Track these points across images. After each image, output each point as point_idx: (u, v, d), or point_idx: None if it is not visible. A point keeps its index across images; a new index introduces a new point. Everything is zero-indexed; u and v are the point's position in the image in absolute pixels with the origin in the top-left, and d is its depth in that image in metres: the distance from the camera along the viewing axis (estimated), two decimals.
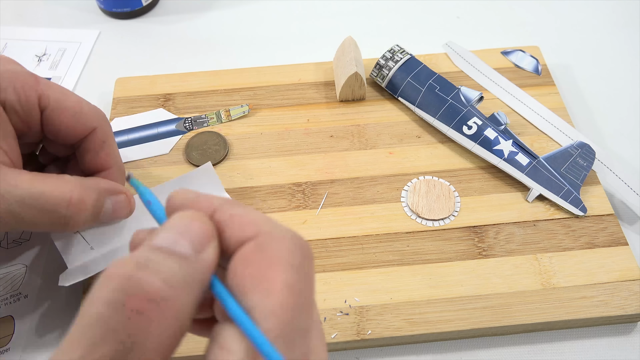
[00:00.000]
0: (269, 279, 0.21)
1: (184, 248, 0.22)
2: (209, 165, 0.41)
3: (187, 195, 0.24)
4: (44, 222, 0.33)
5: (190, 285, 0.21)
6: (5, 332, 0.40)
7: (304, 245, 0.23)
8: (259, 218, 0.23)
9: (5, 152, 0.34)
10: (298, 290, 0.22)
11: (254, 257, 0.22)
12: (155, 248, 0.22)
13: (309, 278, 0.23)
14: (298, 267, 0.22)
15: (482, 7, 0.62)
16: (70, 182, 0.34)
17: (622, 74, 0.56)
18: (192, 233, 0.22)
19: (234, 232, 0.23)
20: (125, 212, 0.38)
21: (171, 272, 0.21)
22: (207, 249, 0.22)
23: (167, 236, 0.22)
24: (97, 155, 0.37)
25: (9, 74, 0.34)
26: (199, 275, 0.22)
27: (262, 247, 0.22)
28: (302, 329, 0.22)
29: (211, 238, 0.22)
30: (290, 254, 0.22)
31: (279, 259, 0.22)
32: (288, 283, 0.21)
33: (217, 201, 0.24)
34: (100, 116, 0.37)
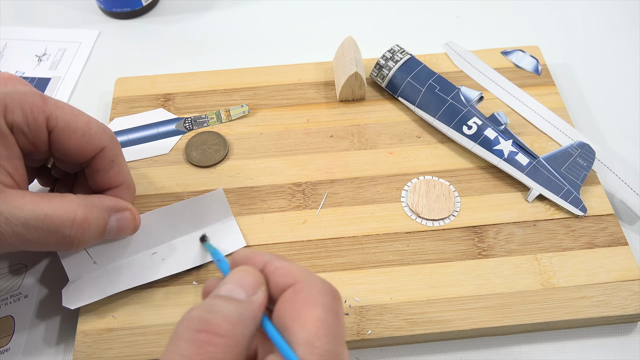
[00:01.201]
0: (304, 315, 0.27)
1: (239, 294, 0.28)
2: (220, 191, 0.41)
3: (244, 253, 0.31)
4: (49, 243, 0.33)
5: (245, 322, 0.27)
6: (5, 332, 0.40)
7: (332, 289, 0.29)
8: (297, 270, 0.29)
9: (9, 174, 0.34)
10: (328, 323, 0.27)
11: (292, 300, 0.28)
12: (218, 296, 0.28)
13: (337, 315, 0.28)
14: (328, 306, 0.28)
15: (482, 7, 0.62)
16: (74, 201, 0.34)
17: (622, 74, 0.56)
18: (245, 283, 0.29)
19: (278, 281, 0.29)
20: (130, 229, 0.38)
21: (229, 311, 0.27)
22: (257, 293, 0.29)
23: (227, 287, 0.29)
24: (106, 174, 0.38)
25: (17, 94, 0.34)
26: (251, 313, 0.28)
27: (297, 292, 0.28)
28: (335, 353, 0.27)
29: (260, 285, 0.29)
30: (320, 295, 0.28)
31: (311, 300, 0.28)
32: (320, 318, 0.27)
33: (267, 256, 0.30)
34: (108, 135, 0.37)
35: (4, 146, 0.33)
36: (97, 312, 0.39)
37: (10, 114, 0.34)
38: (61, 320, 0.40)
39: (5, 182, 0.33)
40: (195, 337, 0.26)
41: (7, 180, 0.33)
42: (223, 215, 0.41)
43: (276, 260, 0.30)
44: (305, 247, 0.42)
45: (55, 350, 0.39)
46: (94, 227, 0.35)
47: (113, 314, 0.38)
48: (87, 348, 0.37)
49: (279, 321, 0.28)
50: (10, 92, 0.34)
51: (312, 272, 0.30)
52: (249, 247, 0.42)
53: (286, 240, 0.42)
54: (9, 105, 0.33)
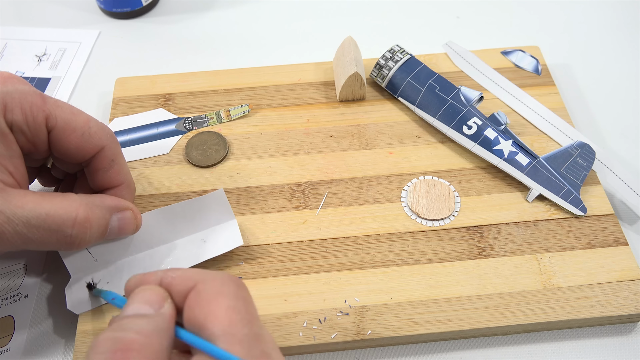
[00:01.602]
0: (213, 310, 0.28)
1: (147, 310, 0.28)
2: (221, 191, 0.41)
3: (135, 278, 0.31)
4: (51, 242, 0.34)
5: (159, 333, 0.27)
6: (5, 332, 0.40)
7: (233, 278, 0.30)
8: (193, 273, 0.30)
9: (10, 173, 0.34)
10: (238, 309, 0.28)
11: (197, 300, 0.28)
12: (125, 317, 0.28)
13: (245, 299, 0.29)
14: (233, 294, 0.28)
15: (482, 7, 0.62)
16: (76, 201, 0.34)
17: (622, 74, 0.56)
18: (149, 299, 0.29)
19: (179, 289, 0.29)
20: (131, 228, 0.38)
21: (140, 326, 0.27)
22: (164, 305, 0.29)
23: (133, 307, 0.28)
24: (106, 173, 0.38)
25: (16, 94, 0.34)
26: (164, 325, 0.28)
27: (200, 291, 0.28)
28: (254, 335, 0.27)
29: (165, 298, 0.29)
30: (223, 287, 0.29)
31: (215, 294, 0.28)
32: (229, 306, 0.28)
33: (160, 272, 0.30)
34: (108, 135, 0.37)
35: (4, 145, 0.33)
36: (97, 312, 0.39)
37: (9, 113, 0.34)
38: (61, 320, 0.40)
39: (6, 181, 0.33)
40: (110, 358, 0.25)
41: (8, 180, 0.33)
42: (224, 215, 0.41)
43: (170, 272, 0.30)
44: (305, 247, 0.42)
45: (55, 350, 0.39)
46: (96, 226, 0.35)
47: (113, 314, 0.38)
48: (87, 348, 0.37)
49: (192, 325, 0.28)
50: (9, 91, 0.34)
51: (209, 270, 0.30)
52: (250, 247, 0.42)
53: (286, 240, 0.42)
54: (8, 104, 0.33)
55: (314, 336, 0.38)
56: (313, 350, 0.38)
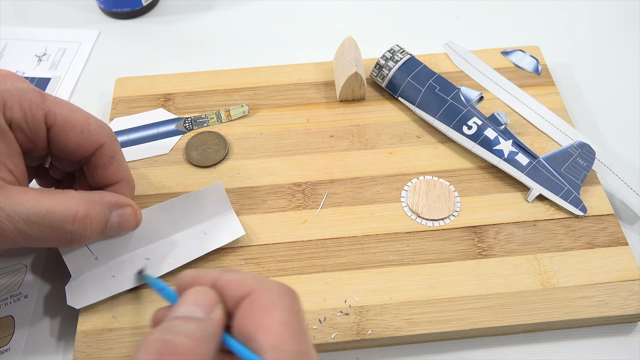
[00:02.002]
0: (265, 322, 0.27)
1: (198, 314, 0.28)
2: (219, 184, 0.41)
3: (190, 274, 0.30)
4: (51, 239, 0.34)
5: (207, 339, 0.27)
6: (5, 332, 0.40)
7: (289, 290, 0.29)
8: (249, 279, 0.29)
9: (10, 170, 0.34)
10: (291, 324, 0.27)
11: (251, 309, 0.28)
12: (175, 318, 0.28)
13: (298, 314, 0.28)
14: (287, 308, 0.28)
15: (482, 7, 0.62)
16: (76, 197, 0.34)
17: (622, 74, 0.56)
18: (202, 302, 0.28)
19: (232, 294, 0.29)
20: (131, 224, 0.38)
21: (190, 330, 0.27)
22: (215, 310, 0.28)
23: (184, 308, 0.28)
24: (106, 170, 0.38)
25: (15, 91, 0.34)
26: (213, 330, 0.27)
27: (254, 301, 0.28)
28: (302, 353, 0.27)
29: (217, 302, 0.29)
30: (278, 299, 0.28)
31: (270, 305, 0.28)
32: (282, 321, 0.27)
33: (215, 272, 0.30)
34: (107, 132, 0.37)
35: (4, 143, 0.33)
36: (97, 312, 0.39)
37: (9, 110, 0.34)
38: (61, 320, 0.40)
39: (6, 178, 0.33)
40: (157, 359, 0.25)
41: (8, 177, 0.33)
42: (222, 208, 0.41)
43: (225, 274, 0.30)
44: (305, 247, 0.42)
45: (55, 350, 0.39)
46: (96, 223, 0.35)
47: (113, 314, 0.38)
48: (87, 348, 0.37)
49: (241, 334, 0.28)
50: (8, 89, 0.34)
51: (265, 278, 0.30)
52: (250, 247, 0.42)
53: (286, 240, 0.42)
54: (7, 102, 0.34)
55: (314, 336, 0.38)
56: None
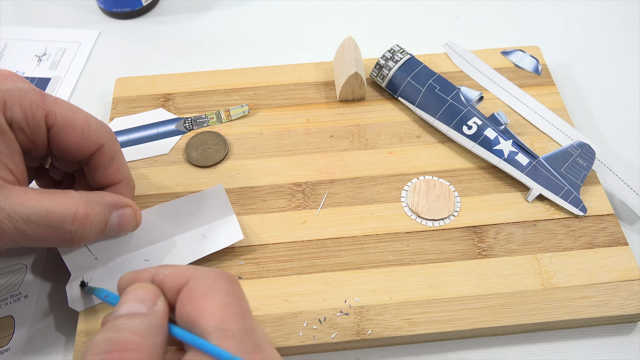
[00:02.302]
0: (205, 307, 0.28)
1: (140, 308, 0.28)
2: (220, 186, 0.41)
3: (128, 275, 0.31)
4: (50, 238, 0.34)
5: (153, 332, 0.27)
6: (5, 332, 0.40)
7: (226, 274, 0.30)
8: (185, 269, 0.30)
9: (10, 170, 0.34)
10: (230, 304, 0.28)
11: (190, 297, 0.29)
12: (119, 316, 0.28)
13: (237, 295, 0.29)
14: (225, 290, 0.29)
15: (482, 7, 0.62)
16: (75, 197, 0.34)
17: (622, 74, 0.56)
18: (142, 297, 0.29)
19: (171, 285, 0.29)
20: (131, 225, 0.38)
21: (135, 325, 0.27)
22: (157, 303, 0.29)
23: (126, 306, 0.29)
24: (106, 170, 0.38)
25: (16, 91, 0.34)
26: (157, 322, 0.28)
27: (192, 288, 0.29)
28: (247, 329, 0.28)
29: (158, 295, 0.29)
30: (215, 283, 0.29)
31: (207, 290, 0.28)
32: (221, 302, 0.28)
33: (152, 269, 0.30)
34: (107, 132, 0.37)
35: (4, 143, 0.33)
36: (97, 312, 0.39)
37: (9, 110, 0.34)
38: (61, 320, 0.40)
39: (6, 178, 0.33)
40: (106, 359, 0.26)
41: (8, 177, 0.33)
42: (223, 210, 0.41)
43: (162, 269, 0.30)
44: (305, 247, 0.42)
45: (55, 350, 0.39)
46: (95, 223, 0.35)
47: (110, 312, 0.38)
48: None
49: (184, 321, 0.28)
50: (9, 89, 0.34)
51: (201, 267, 0.30)
52: (250, 247, 0.42)
53: (286, 240, 0.42)
54: (7, 102, 0.34)
55: (314, 336, 0.38)
56: (313, 350, 0.38)
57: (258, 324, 0.29)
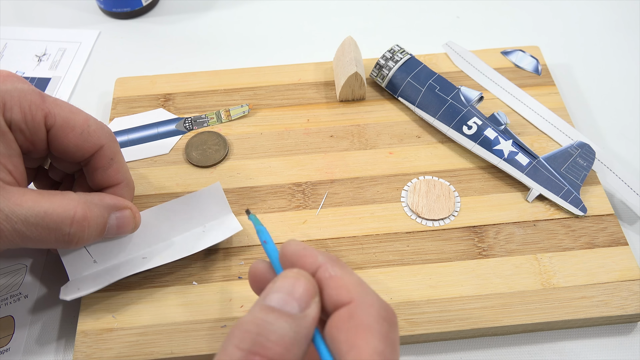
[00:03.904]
0: (359, 346, 0.25)
1: (292, 308, 0.26)
2: (218, 185, 0.41)
3: (297, 248, 0.29)
4: (49, 240, 0.34)
5: (298, 342, 0.26)
6: (5, 332, 0.40)
7: (390, 313, 0.27)
8: (352, 283, 0.27)
9: (9, 171, 0.34)
10: (384, 355, 0.25)
11: (347, 325, 0.26)
12: (270, 309, 0.26)
13: (394, 344, 0.26)
14: (384, 335, 0.26)
15: (482, 7, 0.62)
16: (74, 199, 0.34)
17: (622, 74, 0.56)
18: (298, 292, 0.27)
19: (331, 294, 0.27)
20: (130, 227, 0.38)
21: (283, 331, 0.25)
22: (311, 306, 0.27)
23: (278, 297, 0.27)
24: (105, 172, 0.38)
25: (15, 92, 0.34)
26: (305, 330, 0.26)
27: (353, 316, 0.26)
28: None
29: (313, 295, 0.27)
30: (377, 322, 0.26)
31: (367, 327, 0.26)
32: (376, 350, 0.25)
33: (321, 258, 0.28)
34: (107, 133, 0.37)
35: (4, 144, 0.33)
36: (97, 312, 0.39)
37: (8, 111, 0.34)
38: (61, 320, 0.40)
39: (5, 179, 0.33)
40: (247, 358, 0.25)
41: (7, 178, 0.33)
42: (221, 208, 0.41)
43: (330, 266, 0.28)
44: None
45: (55, 350, 0.39)
46: (94, 225, 0.35)
47: (113, 314, 0.38)
48: (87, 348, 0.37)
49: (331, 344, 0.27)
50: (8, 90, 0.34)
51: (368, 287, 0.28)
52: (250, 247, 0.41)
53: (286, 240, 0.42)
54: (7, 102, 0.34)
55: None
56: None
57: None
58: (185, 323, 0.38)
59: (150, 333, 0.38)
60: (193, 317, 0.38)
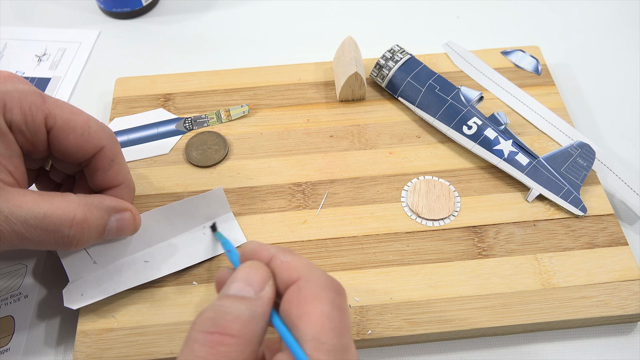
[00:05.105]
0: (308, 312, 0.28)
1: (248, 292, 0.29)
2: (220, 189, 0.41)
3: (253, 246, 0.32)
4: (48, 242, 0.33)
5: (255, 319, 0.28)
6: (5, 332, 0.40)
7: (335, 284, 0.30)
8: (300, 264, 0.30)
9: (10, 172, 0.34)
10: (332, 317, 0.28)
11: (297, 297, 0.29)
12: (227, 296, 0.29)
13: (342, 309, 0.29)
14: (331, 301, 0.28)
15: (482, 7, 0.62)
16: (74, 201, 0.34)
17: (622, 74, 0.56)
18: (253, 279, 0.29)
19: (282, 276, 0.30)
20: (130, 229, 0.38)
21: (239, 311, 0.28)
22: (265, 289, 0.29)
23: (235, 285, 0.29)
24: (106, 173, 0.38)
25: (16, 93, 0.34)
26: (261, 309, 0.28)
27: (301, 288, 0.29)
28: (342, 347, 0.27)
29: (267, 280, 0.30)
30: (323, 291, 0.29)
31: (315, 296, 0.28)
32: (324, 313, 0.28)
33: (274, 250, 0.31)
34: (108, 134, 0.37)
35: (4, 144, 0.33)
36: (97, 312, 0.39)
37: (9, 112, 0.34)
38: (61, 320, 0.40)
39: (5, 180, 0.33)
40: (207, 338, 0.27)
41: (8, 179, 0.33)
42: (223, 214, 0.41)
43: (281, 254, 0.31)
44: (305, 247, 0.42)
45: (55, 350, 0.39)
46: (93, 227, 0.35)
47: (113, 314, 0.39)
48: (87, 348, 0.37)
49: (285, 318, 0.29)
50: (9, 91, 0.34)
51: (316, 267, 0.30)
52: None
53: (286, 240, 0.42)
54: (7, 103, 0.33)
55: None
56: None
57: (353, 343, 0.29)
58: (185, 323, 0.38)
59: (150, 333, 0.38)
60: (193, 317, 0.38)
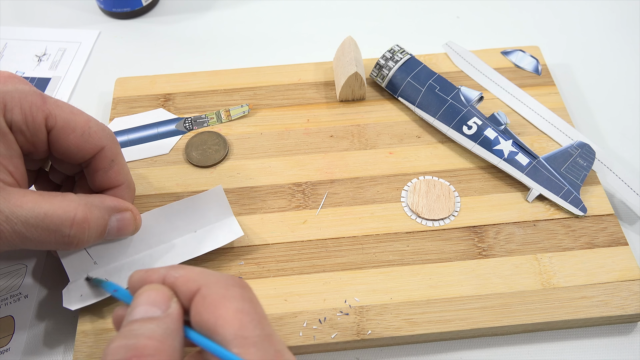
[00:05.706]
0: (221, 314, 0.27)
1: (154, 312, 0.28)
2: (220, 188, 0.41)
3: (138, 274, 0.31)
4: (49, 242, 0.33)
5: (170, 335, 0.27)
6: (5, 332, 0.40)
7: (236, 280, 0.30)
8: (196, 274, 0.29)
9: (10, 172, 0.34)
10: (246, 311, 0.28)
11: (204, 305, 0.28)
12: (134, 321, 0.28)
13: (251, 300, 0.29)
14: (239, 296, 0.28)
15: (482, 7, 0.62)
16: (75, 201, 0.34)
17: (622, 74, 0.56)
18: (155, 300, 0.29)
19: (183, 290, 0.29)
20: (130, 229, 0.38)
21: (151, 330, 0.27)
22: (171, 305, 0.29)
23: (139, 309, 0.28)
24: (106, 173, 0.38)
25: (16, 93, 0.34)
26: (173, 325, 0.28)
27: (205, 296, 0.28)
28: (266, 335, 0.28)
29: (171, 297, 0.29)
30: (227, 290, 0.28)
31: (221, 297, 0.28)
32: (237, 309, 0.28)
33: (162, 270, 0.30)
34: (108, 135, 0.37)
35: (4, 145, 0.33)
36: (97, 312, 0.39)
37: (9, 112, 0.34)
38: (61, 320, 0.40)
39: (6, 180, 0.33)
40: None
41: (8, 179, 0.33)
42: (222, 212, 0.41)
43: (173, 271, 0.30)
44: (305, 247, 0.42)
45: (55, 350, 0.39)
46: (94, 227, 0.35)
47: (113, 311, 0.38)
48: (87, 348, 0.37)
49: (200, 329, 0.28)
50: (9, 91, 0.34)
51: (211, 271, 0.30)
52: (250, 247, 0.42)
53: (286, 240, 0.42)
54: (8, 104, 0.34)
55: (314, 336, 0.38)
56: (313, 350, 0.38)
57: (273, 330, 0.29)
58: None
59: None
60: None
